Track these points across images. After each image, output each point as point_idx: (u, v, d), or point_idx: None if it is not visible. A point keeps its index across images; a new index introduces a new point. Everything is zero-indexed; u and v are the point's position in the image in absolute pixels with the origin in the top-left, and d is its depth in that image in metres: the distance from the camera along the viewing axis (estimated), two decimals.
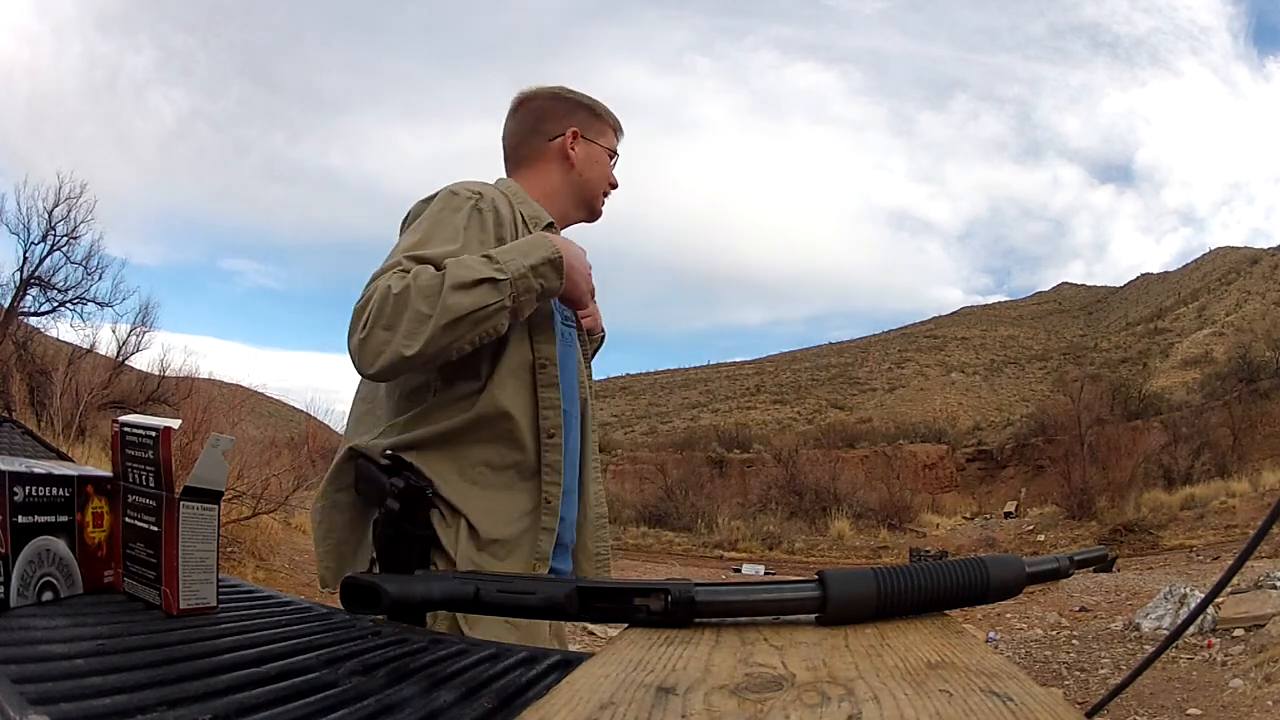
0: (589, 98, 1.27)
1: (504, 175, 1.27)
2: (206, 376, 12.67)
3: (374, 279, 0.98)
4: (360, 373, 0.99)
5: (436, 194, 1.11)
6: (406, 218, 1.14)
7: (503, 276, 0.98)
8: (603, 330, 1.35)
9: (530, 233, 1.12)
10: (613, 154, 1.28)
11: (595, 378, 1.32)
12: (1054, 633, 6.25)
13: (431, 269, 0.98)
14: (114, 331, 12.19)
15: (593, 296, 1.15)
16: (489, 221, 1.08)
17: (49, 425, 9.09)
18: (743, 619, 0.53)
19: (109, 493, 0.79)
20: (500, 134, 1.29)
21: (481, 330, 0.99)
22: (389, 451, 1.05)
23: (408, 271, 0.97)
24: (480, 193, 1.10)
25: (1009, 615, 6.91)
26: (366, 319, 0.95)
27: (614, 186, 1.29)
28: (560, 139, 1.23)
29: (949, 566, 0.55)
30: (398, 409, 1.09)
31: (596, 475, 1.25)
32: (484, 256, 1.01)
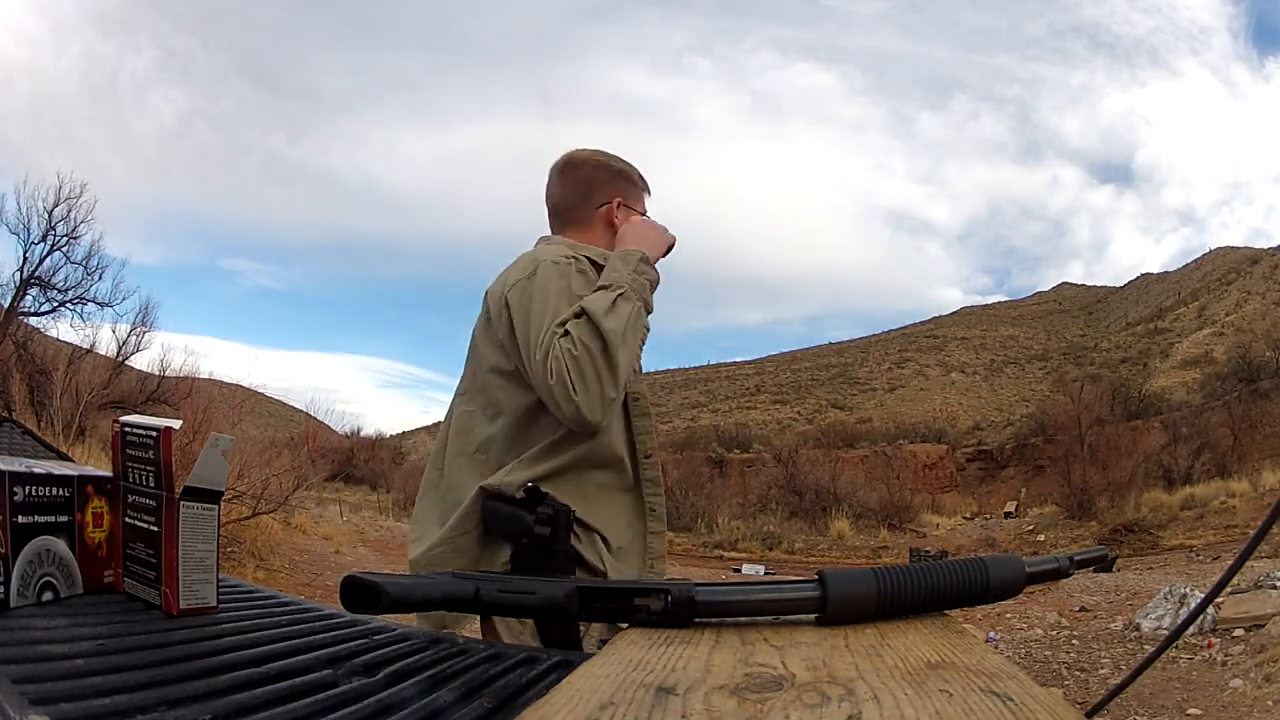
0: (627, 164, 1.42)
1: (548, 230, 1.41)
2: (206, 376, 12.71)
3: (545, 355, 1.13)
4: (591, 427, 1.15)
5: (536, 270, 1.22)
6: (507, 291, 1.22)
7: (622, 288, 1.18)
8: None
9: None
10: (644, 215, 1.43)
11: None
12: (1054, 633, 6.25)
13: (575, 320, 1.14)
14: (114, 331, 12.21)
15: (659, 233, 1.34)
16: (590, 275, 1.26)
17: (49, 425, 9.09)
18: (743, 619, 0.53)
19: (109, 493, 0.79)
20: (546, 191, 1.42)
21: (640, 336, 1.22)
22: (529, 485, 1.18)
23: (565, 335, 1.13)
24: (573, 256, 1.26)
25: (1009, 615, 6.91)
26: (572, 383, 1.11)
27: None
28: (606, 207, 1.37)
29: (949, 566, 0.55)
30: (522, 448, 1.22)
31: None
32: (599, 288, 1.20)
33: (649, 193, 1.45)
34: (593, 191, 1.37)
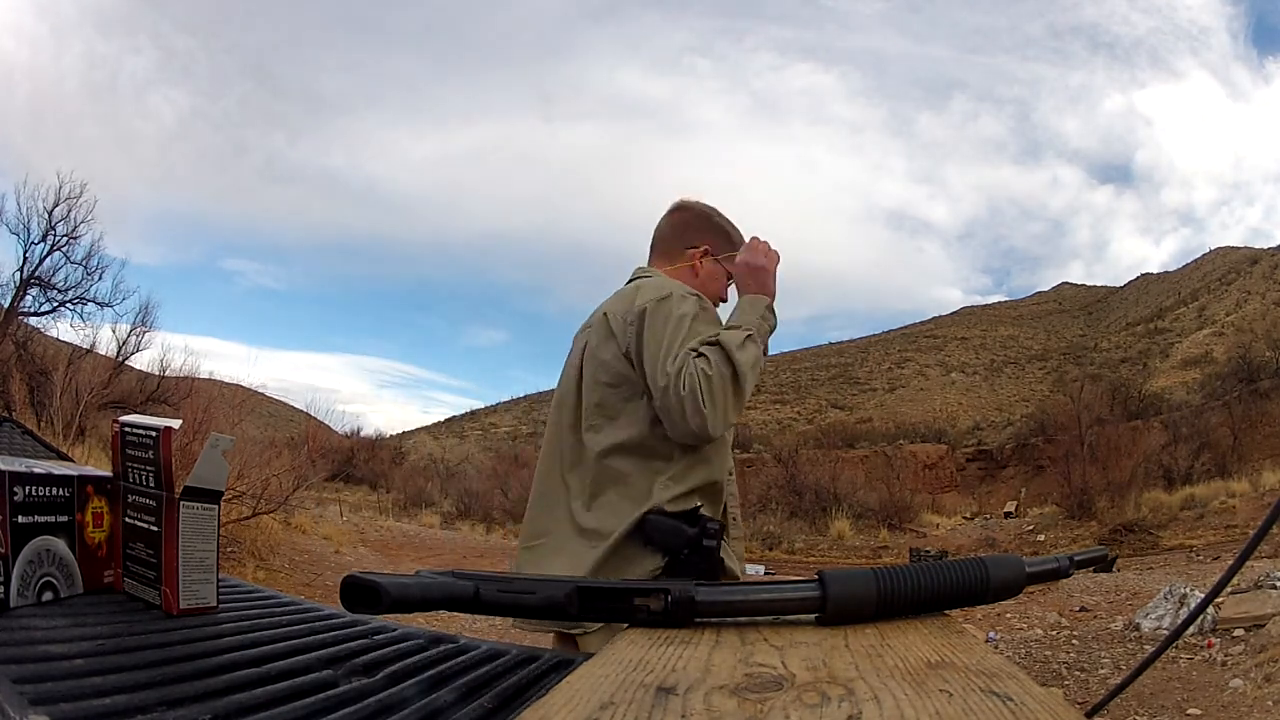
0: (728, 222, 1.53)
1: (644, 262, 1.55)
2: (206, 376, 12.69)
3: (678, 370, 1.24)
4: (707, 441, 1.28)
5: (671, 295, 1.33)
6: (641, 307, 1.32)
7: (750, 331, 1.32)
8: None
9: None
10: (730, 275, 1.51)
11: None
12: (1054, 633, 6.25)
13: (709, 345, 1.26)
14: (114, 331, 12.20)
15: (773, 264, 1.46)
16: (714, 314, 1.40)
17: (49, 425, 9.09)
18: (743, 619, 0.53)
19: (109, 493, 0.79)
20: (656, 225, 1.56)
21: (758, 372, 1.33)
22: (695, 502, 1.31)
23: (700, 356, 1.25)
24: (698, 293, 1.38)
25: (1009, 615, 6.91)
26: (703, 399, 1.23)
27: (724, 300, 1.53)
28: (694, 251, 1.50)
29: (949, 566, 0.55)
30: (656, 463, 1.32)
31: None
32: (731, 326, 1.33)
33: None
34: (687, 234, 1.51)
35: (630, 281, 1.47)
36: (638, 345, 1.29)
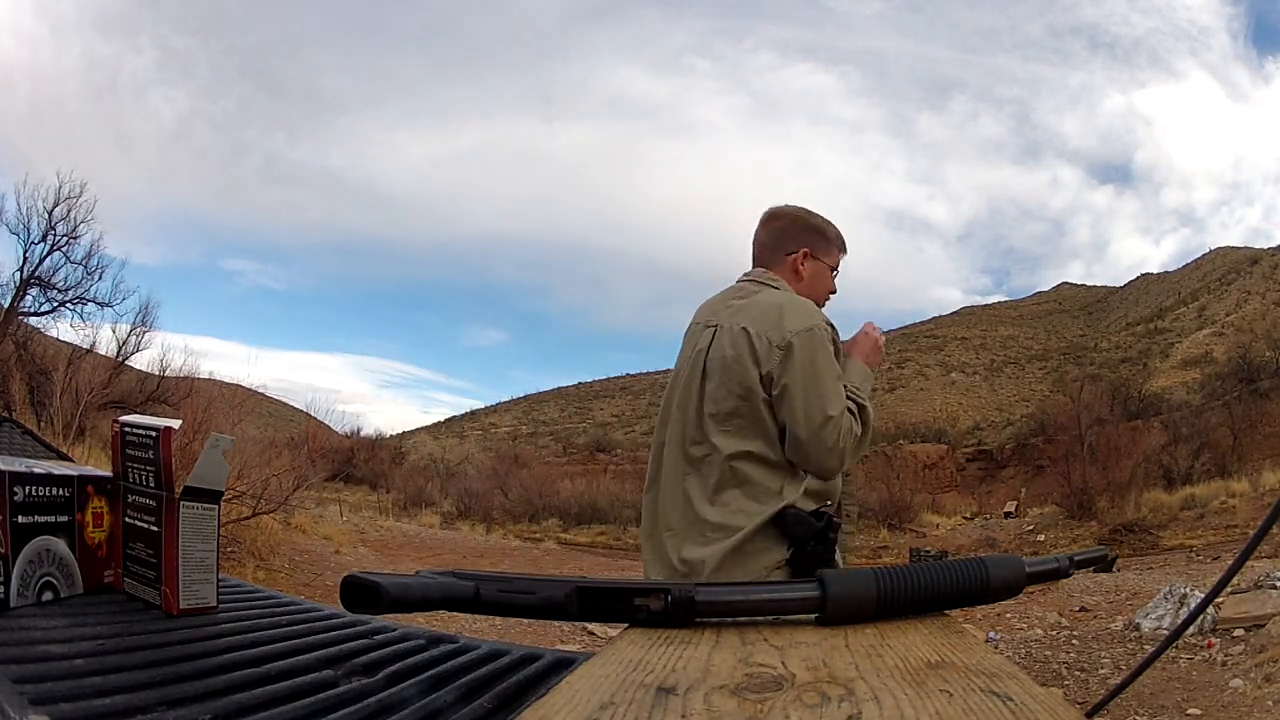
0: (822, 220, 1.62)
1: (749, 271, 1.62)
2: (206, 376, 12.69)
3: (838, 424, 1.41)
4: (836, 474, 1.47)
5: (816, 328, 1.44)
6: (791, 336, 1.42)
7: (865, 400, 1.49)
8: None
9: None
10: (834, 268, 1.63)
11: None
12: (1054, 633, 6.25)
13: (860, 409, 1.47)
14: (114, 331, 12.20)
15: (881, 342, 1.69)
16: (836, 338, 1.51)
17: (49, 425, 9.09)
18: (743, 619, 0.53)
19: (109, 493, 0.79)
20: (753, 234, 1.64)
21: None
22: (826, 501, 1.47)
23: (850, 414, 1.44)
24: (829, 323, 1.49)
25: (1009, 615, 6.91)
26: (848, 453, 1.43)
27: (833, 293, 1.64)
28: (794, 256, 1.57)
29: (949, 566, 0.55)
30: (793, 478, 1.45)
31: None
32: (857, 388, 1.50)
33: (844, 250, 1.65)
34: (785, 241, 1.59)
35: (751, 287, 1.54)
36: (782, 374, 1.40)
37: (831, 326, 1.50)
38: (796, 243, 1.58)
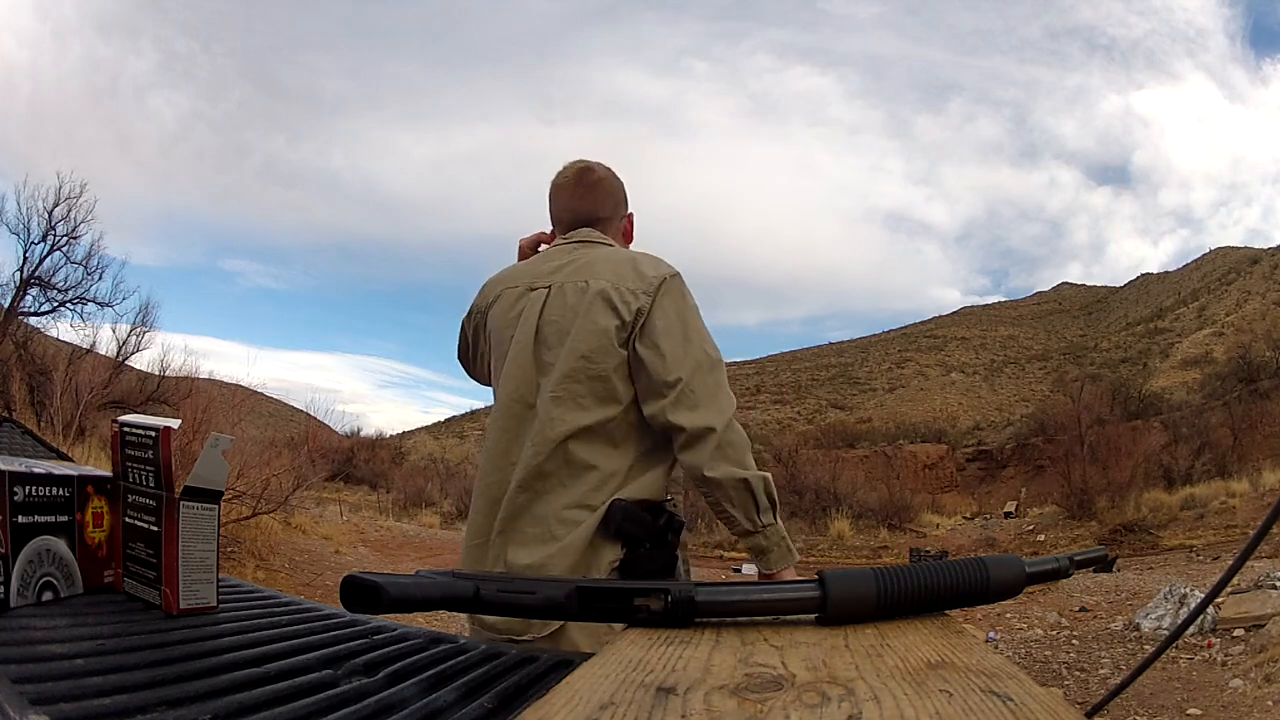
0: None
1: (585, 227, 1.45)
2: (206, 376, 12.70)
3: (720, 360, 1.26)
4: (709, 437, 1.24)
5: (678, 276, 1.29)
6: (657, 285, 1.26)
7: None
8: None
9: None
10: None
11: None
12: (1054, 633, 6.25)
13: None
14: (114, 331, 12.18)
15: None
16: None
17: (49, 425, 9.09)
18: (743, 619, 0.53)
19: (109, 493, 0.79)
20: (561, 191, 1.47)
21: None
22: (667, 497, 1.30)
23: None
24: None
25: (1009, 615, 6.91)
26: (732, 403, 1.26)
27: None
28: (627, 218, 1.52)
29: (949, 566, 0.55)
30: (631, 455, 1.26)
31: None
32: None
33: None
34: (620, 205, 1.50)
35: (580, 248, 1.35)
36: (652, 312, 1.21)
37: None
38: (627, 206, 1.50)
